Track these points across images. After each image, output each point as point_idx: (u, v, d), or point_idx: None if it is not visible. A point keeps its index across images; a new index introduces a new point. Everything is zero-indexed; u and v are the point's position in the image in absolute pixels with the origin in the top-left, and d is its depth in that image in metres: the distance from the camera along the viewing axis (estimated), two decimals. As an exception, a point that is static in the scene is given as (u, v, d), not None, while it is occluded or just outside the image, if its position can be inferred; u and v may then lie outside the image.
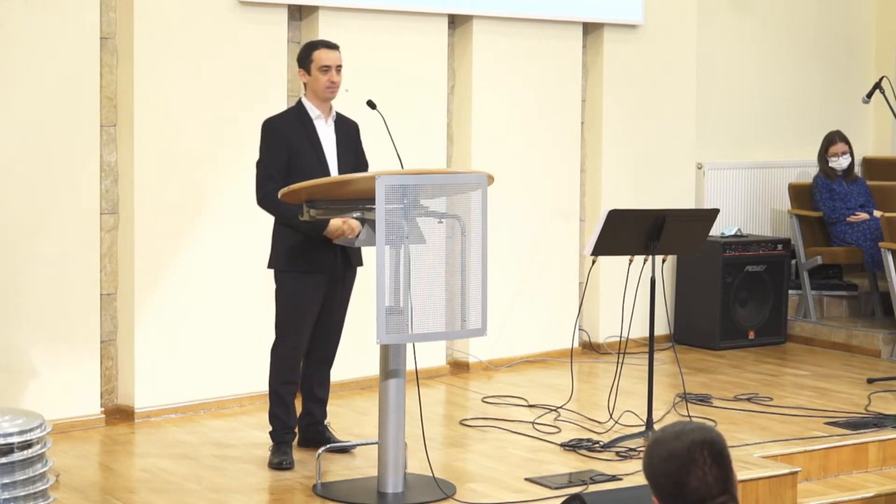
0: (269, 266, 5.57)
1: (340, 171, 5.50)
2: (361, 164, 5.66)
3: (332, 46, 5.56)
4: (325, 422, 5.78)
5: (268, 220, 5.63)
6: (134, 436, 6.07)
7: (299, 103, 5.59)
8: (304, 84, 5.57)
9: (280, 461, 5.47)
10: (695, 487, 2.56)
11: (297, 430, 5.70)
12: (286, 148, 5.45)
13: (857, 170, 9.09)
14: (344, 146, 5.59)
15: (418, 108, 7.22)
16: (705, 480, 2.56)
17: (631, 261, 5.89)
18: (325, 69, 5.49)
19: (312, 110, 5.54)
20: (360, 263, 5.68)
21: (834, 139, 8.61)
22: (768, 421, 6.32)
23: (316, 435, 5.70)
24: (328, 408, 5.83)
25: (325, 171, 5.46)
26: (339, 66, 5.53)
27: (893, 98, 7.86)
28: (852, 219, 8.47)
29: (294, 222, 5.29)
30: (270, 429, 5.59)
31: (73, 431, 6.02)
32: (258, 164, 5.51)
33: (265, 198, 5.45)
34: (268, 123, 5.54)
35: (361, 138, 5.71)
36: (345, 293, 5.67)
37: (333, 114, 5.59)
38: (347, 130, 5.64)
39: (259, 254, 5.77)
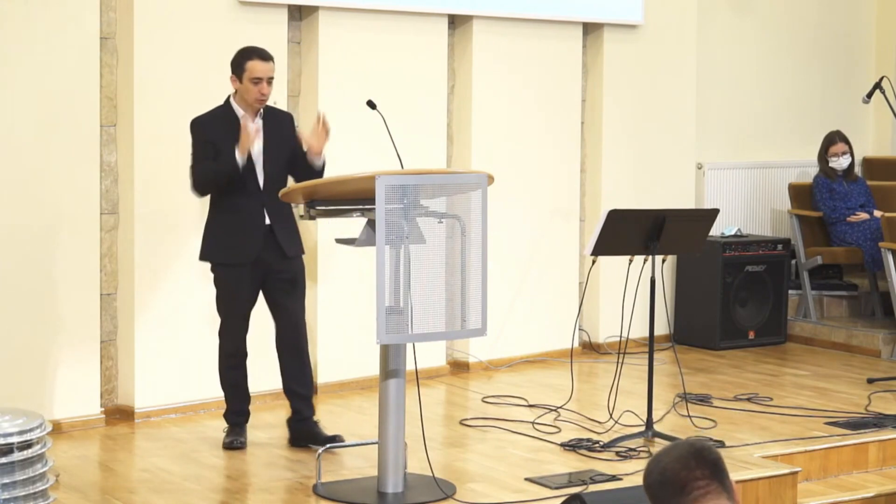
0: (200, 258, 5.70)
1: (267, 166, 5.57)
2: (299, 153, 5.63)
3: (266, 58, 5.59)
4: (315, 418, 5.81)
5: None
6: (134, 436, 6.07)
7: (227, 102, 5.64)
8: (235, 89, 5.61)
9: (232, 441, 5.72)
10: (675, 471, 2.64)
11: (287, 425, 5.85)
12: (213, 143, 5.53)
13: (858, 170, 9.09)
14: (273, 141, 5.61)
15: (418, 108, 7.22)
16: (686, 465, 2.64)
17: (631, 261, 5.89)
18: (257, 81, 5.53)
19: (238, 110, 5.60)
20: (300, 252, 5.70)
21: (834, 139, 8.61)
22: (768, 421, 6.32)
23: (305, 432, 5.75)
24: (326, 406, 5.84)
25: (251, 166, 5.52)
26: (271, 78, 5.58)
27: (893, 98, 7.86)
28: (852, 219, 8.47)
29: (209, 174, 5.49)
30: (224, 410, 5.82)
31: (73, 431, 6.02)
32: (191, 164, 5.60)
33: (194, 183, 5.57)
34: (194, 122, 5.63)
35: (298, 130, 5.74)
36: (284, 284, 5.66)
37: (260, 111, 5.62)
38: (278, 125, 5.65)
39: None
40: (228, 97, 5.64)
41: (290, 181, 5.63)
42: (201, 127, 5.59)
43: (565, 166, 7.95)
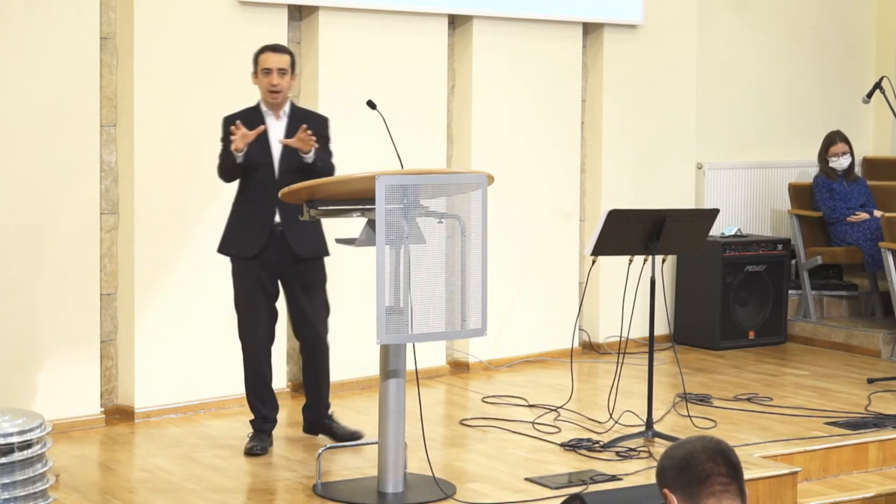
0: (217, 250, 5.74)
1: (283, 165, 5.59)
2: (321, 156, 5.60)
3: (279, 50, 5.69)
4: (329, 412, 5.88)
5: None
6: (134, 436, 6.07)
7: (257, 103, 5.73)
8: (256, 86, 5.72)
9: (252, 447, 5.65)
10: (700, 461, 2.71)
11: (302, 418, 5.92)
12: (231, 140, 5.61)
13: (858, 170, 9.09)
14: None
15: (418, 108, 7.22)
16: (713, 458, 2.72)
17: (631, 261, 5.89)
18: (267, 71, 5.62)
19: (264, 108, 5.69)
20: (316, 254, 5.67)
21: (834, 139, 8.61)
22: (768, 421, 6.32)
23: (318, 424, 5.86)
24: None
25: (270, 164, 5.58)
26: (283, 70, 5.63)
27: (893, 98, 7.86)
28: (852, 219, 8.47)
29: (220, 161, 5.60)
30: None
31: (73, 431, 6.02)
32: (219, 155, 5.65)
33: (217, 170, 5.66)
34: (224, 118, 5.67)
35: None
36: (296, 286, 5.68)
37: (286, 109, 5.68)
38: (303, 125, 5.57)
39: (259, 254, 5.77)
40: (260, 100, 5.73)
41: None
42: (225, 123, 5.65)
43: (565, 166, 7.95)
